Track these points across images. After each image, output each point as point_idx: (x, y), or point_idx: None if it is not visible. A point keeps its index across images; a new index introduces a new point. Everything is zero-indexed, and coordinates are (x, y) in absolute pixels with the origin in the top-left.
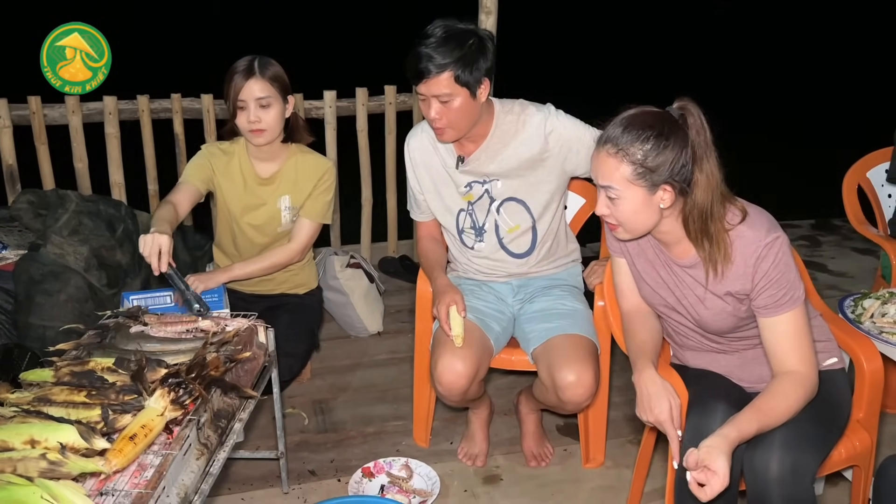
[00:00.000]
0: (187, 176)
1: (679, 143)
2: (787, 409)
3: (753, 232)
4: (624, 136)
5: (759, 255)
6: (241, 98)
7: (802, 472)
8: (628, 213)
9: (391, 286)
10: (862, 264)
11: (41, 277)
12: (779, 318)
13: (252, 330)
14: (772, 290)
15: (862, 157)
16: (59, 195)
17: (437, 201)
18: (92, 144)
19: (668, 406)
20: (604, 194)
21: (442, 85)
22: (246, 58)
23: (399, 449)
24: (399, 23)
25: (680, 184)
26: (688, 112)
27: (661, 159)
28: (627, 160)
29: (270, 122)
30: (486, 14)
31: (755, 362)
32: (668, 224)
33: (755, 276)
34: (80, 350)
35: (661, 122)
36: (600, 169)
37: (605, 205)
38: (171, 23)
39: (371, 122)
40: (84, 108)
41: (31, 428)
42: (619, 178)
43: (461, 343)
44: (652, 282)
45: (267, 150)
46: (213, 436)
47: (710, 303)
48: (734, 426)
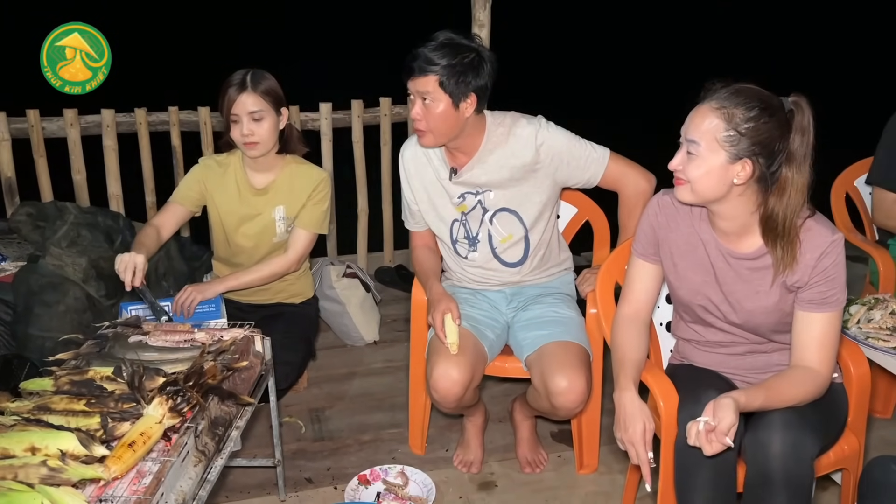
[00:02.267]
0: (177, 196)
1: (780, 128)
2: (794, 395)
3: (821, 227)
4: (732, 98)
5: (823, 251)
6: (234, 112)
7: (803, 450)
8: (701, 172)
9: (387, 296)
10: (854, 271)
11: (40, 289)
12: (819, 315)
13: (249, 339)
14: (824, 286)
15: (849, 166)
16: (58, 207)
17: (431, 212)
18: (90, 157)
19: (643, 429)
20: (684, 149)
21: (426, 85)
22: (240, 71)
23: (395, 456)
24: (394, 36)
25: (762, 167)
26: (799, 108)
27: (755, 131)
28: (724, 119)
29: (263, 134)
30: (479, 27)
31: (764, 369)
32: (736, 209)
33: (814, 270)
34: (80, 359)
35: (772, 104)
36: (695, 120)
37: (681, 160)
38: (169, 34)
39: (366, 134)
40: (82, 121)
41: (32, 435)
42: (707, 133)
43: (456, 351)
44: (697, 281)
45: (262, 162)
46: (211, 443)
47: (761, 296)
48: (742, 392)
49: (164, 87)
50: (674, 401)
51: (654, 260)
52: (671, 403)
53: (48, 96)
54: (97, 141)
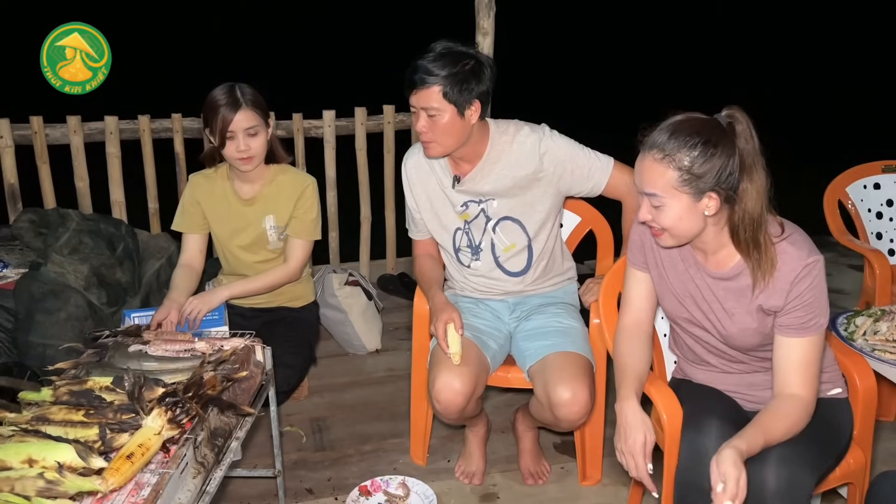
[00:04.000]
0: (183, 226)
1: (727, 151)
2: (787, 430)
3: (796, 250)
4: (671, 142)
5: (798, 275)
6: (231, 129)
7: (799, 486)
8: (672, 219)
9: (389, 303)
10: (857, 281)
11: (41, 296)
12: (799, 340)
13: (249, 349)
14: (801, 311)
15: (841, 173)
16: (60, 214)
17: (433, 220)
18: (93, 163)
19: (643, 440)
20: (647, 201)
21: (430, 98)
22: (223, 88)
23: (396, 467)
24: (398, 44)
25: (726, 191)
26: (736, 120)
27: (707, 166)
28: (673, 166)
29: (258, 148)
30: (483, 35)
31: (765, 385)
32: (711, 233)
33: (790, 295)
34: (79, 369)
35: (709, 129)
36: (645, 175)
37: (648, 210)
38: (174, 41)
39: (370, 141)
40: (85, 128)
41: (29, 447)
42: (663, 185)
43: (459, 361)
44: (680, 294)
45: (250, 173)
46: (210, 454)
47: (738, 317)
48: (744, 439)
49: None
50: (677, 414)
51: (644, 268)
52: (675, 417)
53: (51, 102)
54: (100, 147)
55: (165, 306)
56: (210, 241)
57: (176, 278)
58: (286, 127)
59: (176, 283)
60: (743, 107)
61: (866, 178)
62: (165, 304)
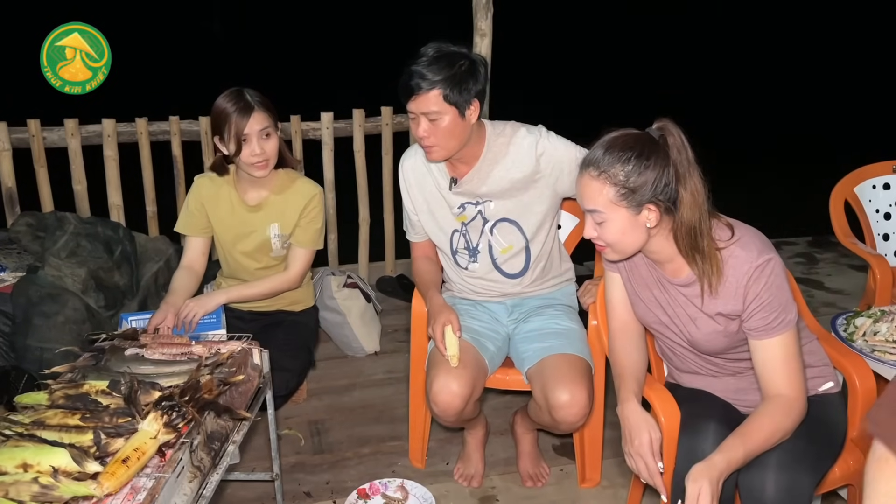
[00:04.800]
0: (187, 229)
1: (660, 163)
2: (773, 431)
3: (745, 253)
4: (605, 158)
5: (750, 277)
6: (247, 132)
7: (798, 492)
8: (616, 234)
9: (388, 305)
10: (858, 281)
11: (39, 299)
12: (770, 341)
13: (246, 352)
14: (763, 312)
15: (849, 173)
16: (58, 217)
17: (431, 222)
18: (91, 166)
19: (648, 439)
20: (590, 218)
21: (430, 102)
22: (230, 94)
23: (395, 470)
24: (396, 45)
25: (665, 203)
26: (667, 132)
27: (642, 179)
28: (610, 182)
29: (272, 151)
30: (481, 36)
31: (752, 388)
32: (658, 243)
33: (746, 298)
34: (76, 373)
35: (642, 143)
36: (584, 192)
37: (593, 227)
38: (169, 44)
39: (368, 143)
40: (83, 131)
41: (24, 451)
42: (603, 201)
43: (457, 363)
44: (646, 299)
45: (257, 179)
46: (207, 458)
47: (701, 322)
48: (722, 453)
49: (165, 96)
50: (675, 416)
51: (618, 270)
52: (672, 419)
53: (48, 105)
54: (98, 150)
55: (162, 310)
56: (212, 243)
57: (176, 281)
58: (284, 129)
59: (175, 286)
60: (738, 108)
61: (875, 178)
62: (162, 307)
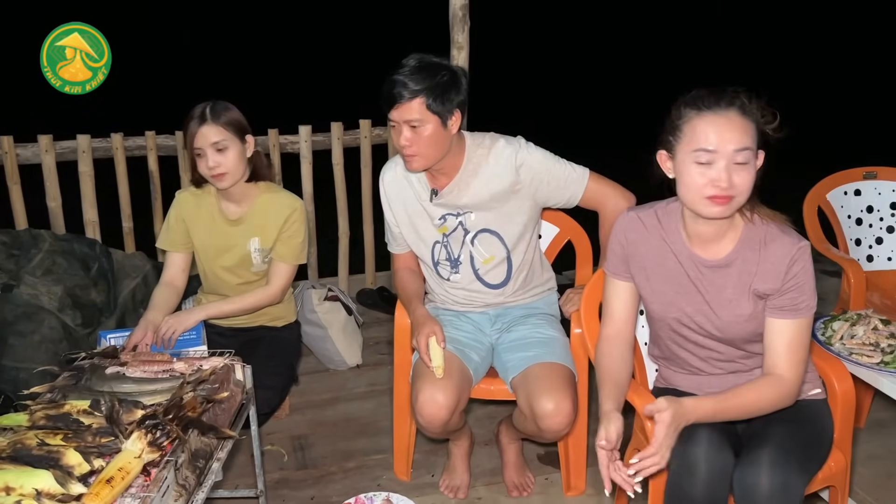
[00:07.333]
0: (167, 245)
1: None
2: (753, 400)
3: (788, 236)
4: (750, 103)
5: (793, 257)
6: (197, 145)
7: (792, 489)
8: (750, 179)
9: (369, 318)
10: (832, 286)
11: (14, 318)
12: (789, 321)
13: (229, 368)
14: (795, 293)
15: (821, 180)
16: (33, 235)
17: (412, 234)
18: (65, 183)
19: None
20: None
21: (413, 111)
22: (201, 104)
23: (380, 483)
24: (373, 59)
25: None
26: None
27: (762, 116)
28: (751, 120)
29: (230, 164)
30: (458, 49)
31: None
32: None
33: (786, 277)
34: (55, 392)
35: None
36: (731, 132)
37: (727, 177)
38: (145, 59)
39: (346, 156)
40: (57, 147)
41: (6, 475)
42: (751, 137)
43: (441, 374)
44: (669, 293)
45: (234, 192)
46: (192, 476)
47: (735, 304)
48: (692, 399)
49: (141, 111)
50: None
51: (626, 277)
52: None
53: (22, 121)
54: (73, 166)
55: (141, 327)
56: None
57: (155, 297)
58: (262, 143)
59: (154, 303)
60: None
61: (847, 184)
62: (141, 324)
